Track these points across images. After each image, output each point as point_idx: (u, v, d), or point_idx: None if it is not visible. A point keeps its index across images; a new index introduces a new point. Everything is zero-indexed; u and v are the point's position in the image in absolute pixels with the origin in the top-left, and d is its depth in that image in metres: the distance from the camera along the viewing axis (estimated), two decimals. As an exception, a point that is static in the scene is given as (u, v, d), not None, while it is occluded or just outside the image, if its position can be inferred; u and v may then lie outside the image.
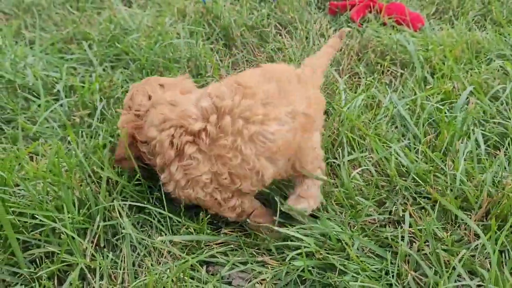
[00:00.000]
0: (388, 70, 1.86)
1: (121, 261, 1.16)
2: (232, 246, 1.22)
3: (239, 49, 2.02)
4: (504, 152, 1.42)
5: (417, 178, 1.34)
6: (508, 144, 1.45)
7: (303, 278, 1.14)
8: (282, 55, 1.95)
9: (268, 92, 1.15)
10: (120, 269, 1.15)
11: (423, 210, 1.27)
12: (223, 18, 2.14)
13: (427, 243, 1.18)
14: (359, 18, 2.20)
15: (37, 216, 1.13)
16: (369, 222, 1.26)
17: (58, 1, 2.34)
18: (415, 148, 1.45)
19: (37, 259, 1.16)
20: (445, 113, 1.52)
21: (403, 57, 1.92)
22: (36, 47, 1.92)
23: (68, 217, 1.12)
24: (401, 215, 1.26)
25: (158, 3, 2.41)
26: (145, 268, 1.16)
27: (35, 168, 1.32)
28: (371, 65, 1.93)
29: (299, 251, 1.14)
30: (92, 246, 1.17)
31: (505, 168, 1.35)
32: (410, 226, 1.20)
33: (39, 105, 1.61)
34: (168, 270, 1.14)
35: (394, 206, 1.28)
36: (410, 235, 1.21)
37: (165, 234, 1.23)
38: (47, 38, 2.04)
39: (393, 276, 1.11)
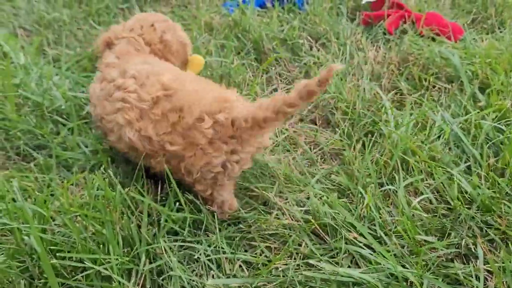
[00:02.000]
0: (434, 86, 1.76)
1: (169, 304, 1.07)
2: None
3: (272, 64, 1.93)
4: None
5: (483, 207, 1.24)
6: None
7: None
8: (319, 70, 1.85)
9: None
10: (169, 314, 1.05)
11: (493, 242, 1.17)
12: (253, 31, 2.05)
13: (504, 280, 1.08)
14: (394, 29, 2.10)
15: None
16: (436, 257, 1.16)
17: (80, 15, 2.26)
18: (475, 172, 1.35)
19: (79, 303, 1.07)
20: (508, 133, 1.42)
21: (447, 70, 1.82)
22: (62, 65, 1.83)
23: (115, 259, 1.02)
24: (472, 249, 1.15)
25: (182, 16, 2.33)
26: (196, 312, 1.07)
27: (71, 199, 1.23)
28: (412, 80, 1.83)
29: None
30: (138, 289, 1.07)
31: None
32: (485, 261, 1.10)
33: (68, 129, 1.52)
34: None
35: (463, 240, 1.17)
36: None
37: (214, 271, 1.13)
38: (71, 55, 1.96)
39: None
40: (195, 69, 1.60)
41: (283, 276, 1.14)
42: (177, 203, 1.21)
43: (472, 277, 1.08)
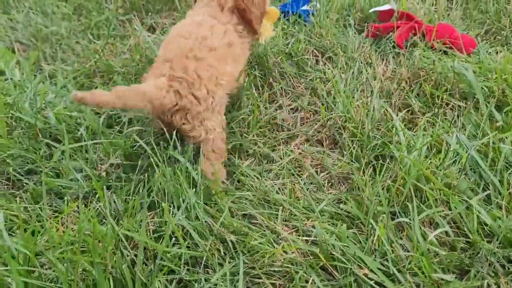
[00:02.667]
0: (447, 104, 1.66)
1: None
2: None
3: (277, 80, 1.85)
4: None
5: (505, 241, 1.14)
6: None
7: None
8: (326, 86, 1.76)
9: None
10: None
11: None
12: (256, 45, 1.97)
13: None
14: (404, 41, 2.01)
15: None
16: (454, 298, 1.07)
17: (78, 29, 2.19)
18: (495, 201, 1.25)
19: None
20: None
21: (461, 86, 1.72)
22: (58, 81, 1.76)
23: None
24: (494, 290, 1.06)
25: (184, 28, 2.25)
26: None
27: (61, 232, 1.15)
28: (423, 96, 1.73)
29: None
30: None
31: None
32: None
33: (62, 152, 1.44)
34: None
35: (485, 281, 1.08)
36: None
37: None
38: (68, 71, 1.88)
39: None
40: (272, 20, 1.83)
41: (288, 318, 1.06)
42: (173, 238, 1.13)
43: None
